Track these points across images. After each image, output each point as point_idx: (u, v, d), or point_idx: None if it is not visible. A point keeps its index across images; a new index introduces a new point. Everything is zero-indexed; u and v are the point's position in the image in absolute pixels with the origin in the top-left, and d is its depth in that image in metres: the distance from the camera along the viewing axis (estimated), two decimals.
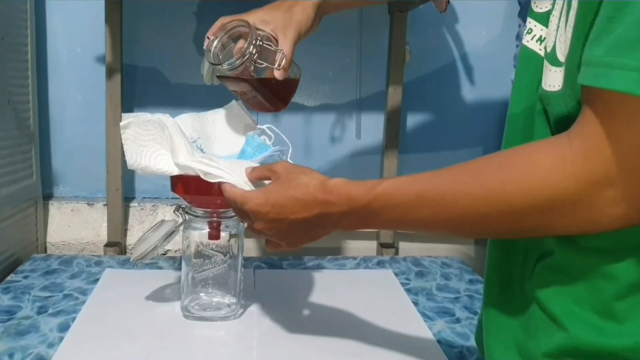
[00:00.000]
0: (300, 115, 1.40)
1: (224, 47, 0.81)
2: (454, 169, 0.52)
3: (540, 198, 0.46)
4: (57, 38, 1.32)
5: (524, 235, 0.53)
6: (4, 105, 1.13)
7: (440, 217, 0.52)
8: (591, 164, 0.43)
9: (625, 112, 0.41)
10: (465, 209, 0.50)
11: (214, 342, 0.87)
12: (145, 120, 0.82)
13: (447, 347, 0.87)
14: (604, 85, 0.41)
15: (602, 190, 0.43)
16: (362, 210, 0.57)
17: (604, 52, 0.41)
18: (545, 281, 0.52)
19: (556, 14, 0.51)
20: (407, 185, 0.54)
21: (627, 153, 0.42)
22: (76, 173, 1.38)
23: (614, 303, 0.47)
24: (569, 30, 0.48)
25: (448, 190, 0.51)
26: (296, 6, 0.79)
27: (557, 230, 0.48)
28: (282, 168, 0.66)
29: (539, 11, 0.55)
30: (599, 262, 0.48)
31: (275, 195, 0.63)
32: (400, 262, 1.24)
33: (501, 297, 0.59)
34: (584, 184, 0.44)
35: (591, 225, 0.45)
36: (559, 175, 0.44)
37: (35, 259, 1.17)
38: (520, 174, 0.47)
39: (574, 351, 0.48)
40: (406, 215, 0.54)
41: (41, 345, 0.83)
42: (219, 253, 0.90)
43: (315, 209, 0.60)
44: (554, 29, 0.51)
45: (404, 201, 0.53)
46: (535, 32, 0.55)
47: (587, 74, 0.42)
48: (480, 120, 1.44)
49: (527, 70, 0.55)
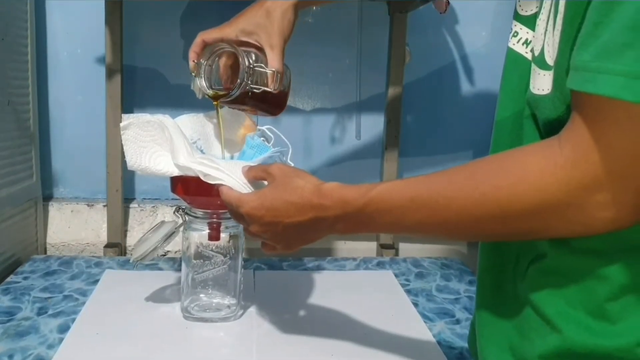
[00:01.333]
0: (300, 116, 1.40)
1: (211, 68, 0.80)
2: (447, 172, 0.52)
3: (532, 202, 0.46)
4: (57, 39, 1.32)
5: (516, 238, 0.53)
6: (4, 106, 1.13)
7: (433, 221, 0.53)
8: (581, 169, 0.44)
9: (614, 117, 0.42)
10: (458, 212, 0.50)
11: (214, 343, 0.87)
12: (145, 121, 0.82)
13: (447, 348, 0.87)
14: (592, 90, 0.41)
15: (592, 195, 0.44)
16: (356, 214, 0.57)
17: (592, 57, 0.41)
18: (538, 283, 0.52)
19: (543, 18, 0.52)
20: (401, 189, 0.54)
21: (616, 158, 0.42)
22: (76, 174, 1.38)
23: (607, 304, 0.47)
24: (556, 34, 0.48)
25: (441, 193, 0.51)
26: (274, 11, 0.76)
27: (549, 234, 0.49)
28: (278, 170, 0.66)
29: (525, 14, 0.55)
30: (592, 263, 0.48)
31: (270, 198, 0.63)
32: (400, 263, 1.24)
33: (494, 299, 0.59)
34: (574, 189, 0.44)
35: (583, 228, 0.46)
36: (550, 180, 0.45)
37: (35, 260, 1.17)
38: (512, 178, 0.47)
39: (567, 352, 0.49)
40: (400, 219, 0.54)
41: (41, 347, 0.83)
42: (219, 254, 0.90)
43: (309, 213, 0.60)
44: (542, 32, 0.51)
45: (398, 205, 0.54)
46: (521, 35, 0.55)
47: (576, 79, 0.43)
48: (480, 121, 1.44)
49: (514, 73, 0.56)
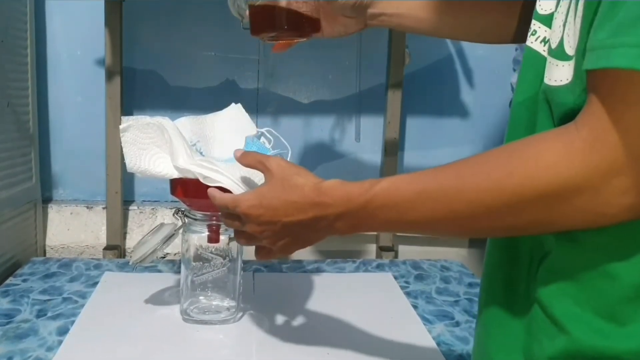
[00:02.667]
0: (299, 118, 1.40)
1: None
2: (456, 164, 0.51)
3: (547, 187, 0.44)
4: (57, 40, 1.32)
5: (529, 230, 0.51)
6: (4, 108, 1.13)
7: (441, 214, 0.51)
8: (599, 152, 0.42)
9: (631, 94, 0.40)
10: (469, 203, 0.49)
11: (213, 345, 0.86)
12: (145, 123, 0.82)
13: (446, 350, 0.87)
14: (606, 64, 0.40)
15: (611, 179, 0.42)
16: (358, 211, 0.56)
17: (607, 35, 0.41)
18: (546, 282, 0.51)
19: (562, 10, 0.51)
20: (406, 183, 0.53)
21: (636, 139, 0.41)
22: (76, 176, 1.38)
23: (616, 305, 0.46)
24: (577, 21, 0.47)
25: (451, 184, 0.50)
26: None
27: (561, 224, 0.47)
28: (277, 167, 0.63)
29: (544, 13, 0.54)
30: (600, 261, 0.47)
31: (268, 197, 0.61)
32: (400, 265, 1.24)
33: (505, 297, 0.57)
34: (592, 173, 0.42)
35: (597, 217, 0.44)
36: (567, 164, 0.43)
37: (35, 262, 1.17)
38: (527, 164, 0.46)
39: (576, 354, 0.47)
40: (405, 215, 0.53)
41: (40, 349, 0.82)
42: (218, 256, 0.90)
43: (309, 211, 0.59)
44: (559, 25, 0.51)
45: (403, 199, 0.52)
46: (540, 33, 0.54)
47: (591, 59, 0.42)
48: (479, 123, 1.44)
49: (530, 70, 0.55)
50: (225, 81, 1.37)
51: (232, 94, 1.35)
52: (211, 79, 1.36)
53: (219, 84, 1.36)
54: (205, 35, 1.33)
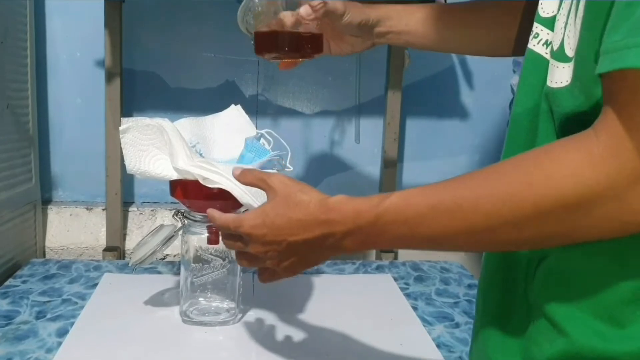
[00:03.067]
0: (299, 119, 1.40)
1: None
2: (470, 175, 0.49)
3: (569, 197, 0.42)
4: (57, 42, 1.32)
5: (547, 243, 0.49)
6: (4, 109, 1.13)
7: (455, 229, 0.48)
8: (620, 157, 0.40)
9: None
10: (486, 215, 0.46)
11: (213, 347, 0.86)
12: (145, 124, 0.82)
13: (446, 352, 0.86)
14: (621, 65, 0.39)
15: (634, 185, 0.40)
16: (367, 228, 0.53)
17: (621, 37, 0.39)
18: (545, 284, 0.50)
19: (563, 12, 0.51)
20: (419, 197, 0.50)
21: None
22: (75, 177, 1.38)
23: (615, 307, 0.46)
24: (578, 22, 0.47)
25: (467, 197, 0.48)
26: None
27: (584, 235, 0.45)
28: (280, 183, 0.60)
29: (546, 16, 0.54)
30: (598, 263, 0.46)
31: (272, 216, 0.58)
32: (400, 266, 1.24)
33: (503, 300, 0.57)
34: (614, 179, 0.41)
35: (623, 225, 0.43)
36: (588, 172, 0.42)
37: (34, 264, 1.16)
38: (547, 173, 0.44)
39: (575, 356, 0.47)
40: (416, 230, 0.50)
41: (40, 350, 0.82)
42: (218, 258, 0.90)
43: (316, 229, 0.56)
44: (561, 27, 0.51)
45: (415, 214, 0.50)
46: (542, 36, 0.54)
47: (605, 62, 0.40)
48: (479, 125, 1.44)
49: (532, 73, 0.54)
50: (225, 82, 1.37)
51: (232, 96, 1.36)
52: (211, 81, 1.36)
53: (219, 85, 1.37)
54: (205, 37, 1.34)
